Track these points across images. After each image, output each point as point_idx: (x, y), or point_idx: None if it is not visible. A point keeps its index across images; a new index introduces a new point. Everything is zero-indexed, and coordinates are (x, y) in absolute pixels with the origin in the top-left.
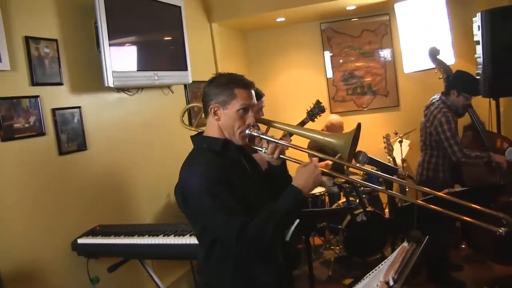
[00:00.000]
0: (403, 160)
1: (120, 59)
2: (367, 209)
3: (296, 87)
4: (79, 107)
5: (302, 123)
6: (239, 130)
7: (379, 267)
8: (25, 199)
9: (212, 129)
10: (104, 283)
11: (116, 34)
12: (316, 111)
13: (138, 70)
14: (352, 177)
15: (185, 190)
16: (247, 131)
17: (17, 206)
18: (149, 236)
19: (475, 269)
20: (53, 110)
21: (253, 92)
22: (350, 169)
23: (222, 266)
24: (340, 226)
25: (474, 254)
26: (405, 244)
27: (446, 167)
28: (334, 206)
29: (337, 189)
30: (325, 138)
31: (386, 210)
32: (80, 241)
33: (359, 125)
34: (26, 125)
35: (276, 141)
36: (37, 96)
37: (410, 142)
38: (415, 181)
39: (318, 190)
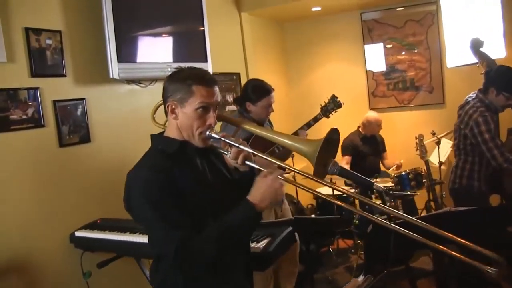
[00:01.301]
0: (441, 163)
1: (127, 50)
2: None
3: (333, 81)
4: (83, 99)
5: (315, 120)
6: (198, 131)
7: None
8: (23, 189)
9: (171, 129)
10: (97, 279)
11: (123, 23)
12: (331, 106)
13: (147, 62)
14: (381, 182)
15: (128, 196)
16: (207, 133)
17: (14, 196)
18: (140, 234)
19: None
20: (54, 102)
21: (216, 89)
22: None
23: (171, 280)
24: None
25: None
26: (360, 278)
27: (483, 175)
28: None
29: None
30: (295, 144)
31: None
32: (77, 234)
33: (333, 131)
34: (24, 116)
35: (238, 145)
36: (37, 88)
37: (453, 143)
38: (448, 189)
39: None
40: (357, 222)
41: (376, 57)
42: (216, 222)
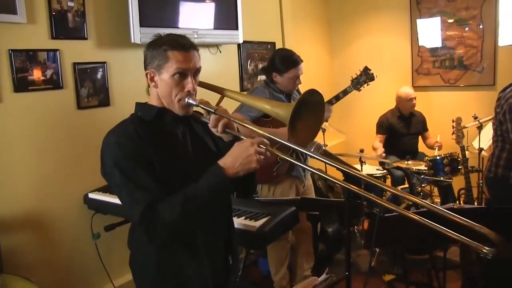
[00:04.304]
0: (481, 150)
1: (150, 14)
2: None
3: (376, 54)
4: (104, 63)
5: (344, 93)
6: (177, 98)
7: None
8: (40, 149)
9: (152, 97)
10: (105, 241)
11: None
12: (362, 79)
13: (171, 27)
14: (413, 165)
15: (102, 162)
16: (186, 100)
17: (31, 155)
18: None
19: None
20: (74, 64)
21: (194, 54)
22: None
23: (146, 246)
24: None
25: None
26: (322, 277)
27: None
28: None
29: (400, 174)
30: (273, 109)
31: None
32: (90, 195)
33: (310, 92)
34: (42, 78)
35: (214, 111)
36: (57, 50)
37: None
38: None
39: (380, 172)
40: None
41: (429, 32)
42: (185, 187)
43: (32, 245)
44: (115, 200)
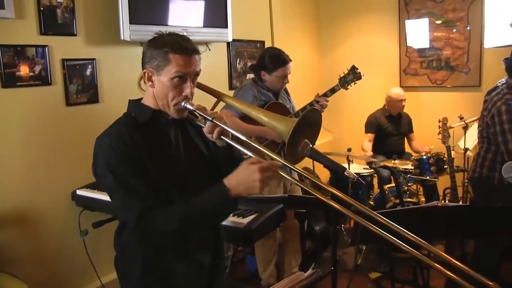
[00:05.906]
0: (466, 150)
1: (141, 11)
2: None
3: (365, 54)
4: (93, 60)
5: (332, 91)
6: (173, 101)
7: None
8: (28, 145)
9: (147, 96)
10: (93, 238)
11: None
12: (350, 77)
13: (160, 24)
14: (400, 164)
15: (94, 163)
16: (183, 104)
17: (19, 151)
18: None
19: None
20: (63, 61)
21: (195, 58)
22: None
23: (130, 250)
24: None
25: None
26: (308, 272)
27: None
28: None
29: (387, 173)
30: (271, 122)
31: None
32: (78, 192)
33: (312, 110)
34: (31, 74)
35: (211, 119)
36: (45, 46)
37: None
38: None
39: (368, 171)
40: (372, 203)
41: (417, 32)
42: (186, 200)
43: (20, 242)
44: (103, 197)
